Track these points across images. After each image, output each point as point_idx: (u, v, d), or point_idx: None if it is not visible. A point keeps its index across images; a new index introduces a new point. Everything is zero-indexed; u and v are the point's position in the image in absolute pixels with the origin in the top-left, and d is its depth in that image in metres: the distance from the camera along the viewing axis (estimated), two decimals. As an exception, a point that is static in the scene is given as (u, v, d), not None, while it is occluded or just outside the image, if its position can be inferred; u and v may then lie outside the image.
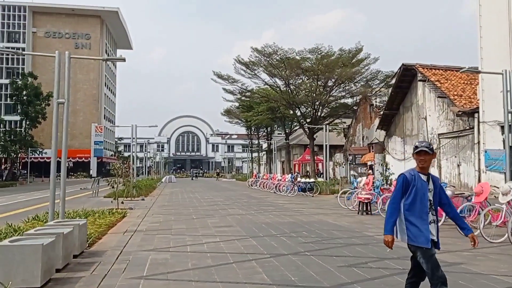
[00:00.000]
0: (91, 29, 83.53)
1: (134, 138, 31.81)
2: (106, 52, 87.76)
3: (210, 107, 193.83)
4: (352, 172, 35.63)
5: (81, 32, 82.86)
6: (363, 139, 35.62)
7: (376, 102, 36.24)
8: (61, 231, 6.72)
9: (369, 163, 31.05)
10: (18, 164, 61.19)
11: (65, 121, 10.16)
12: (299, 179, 25.09)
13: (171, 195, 25.80)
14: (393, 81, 31.25)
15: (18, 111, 58.30)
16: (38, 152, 61.97)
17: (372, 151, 31.73)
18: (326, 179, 28.49)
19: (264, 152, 71.12)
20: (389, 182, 18.98)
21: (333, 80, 38.58)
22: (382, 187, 15.20)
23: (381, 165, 26.82)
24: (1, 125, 61.57)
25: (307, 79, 39.71)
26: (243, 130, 78.49)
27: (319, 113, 39.51)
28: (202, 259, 7.28)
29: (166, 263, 7.05)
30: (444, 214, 12.03)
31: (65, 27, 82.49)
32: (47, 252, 5.76)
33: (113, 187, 17.61)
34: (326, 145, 27.29)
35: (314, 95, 38.52)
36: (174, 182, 51.86)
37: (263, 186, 30.25)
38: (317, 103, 38.95)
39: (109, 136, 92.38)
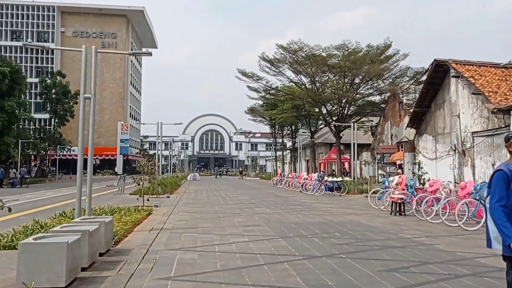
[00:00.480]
0: (117, 28, 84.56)
1: (159, 136, 31.85)
2: (131, 51, 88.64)
3: (233, 106, 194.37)
4: (380, 172, 34.80)
5: (107, 31, 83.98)
6: (391, 137, 34.74)
7: (405, 99, 35.27)
8: (86, 228, 6.48)
9: (398, 162, 30.19)
10: (47, 161, 62.43)
11: (92, 116, 9.98)
12: (326, 178, 24.53)
13: (196, 193, 25.64)
14: (424, 77, 30.30)
15: (47, 109, 59.48)
16: (66, 149, 63.10)
17: (401, 150, 30.85)
18: (353, 178, 27.83)
19: (288, 151, 70.59)
20: (421, 182, 18.28)
21: (361, 77, 37.77)
22: (416, 187, 14.57)
23: (412, 164, 26.02)
24: (31, 123, 62.88)
25: (333, 76, 39.02)
26: (267, 129, 78.09)
27: (345, 111, 38.75)
28: (231, 260, 6.93)
29: (194, 264, 6.74)
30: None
31: (92, 27, 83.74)
32: (72, 250, 5.52)
33: (138, 185, 17.48)
34: (353, 144, 26.63)
35: (341, 92, 37.80)
36: (199, 180, 51.90)
37: (289, 185, 29.80)
38: (344, 100, 38.23)
39: (134, 134, 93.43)
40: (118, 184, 26.49)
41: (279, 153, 69.78)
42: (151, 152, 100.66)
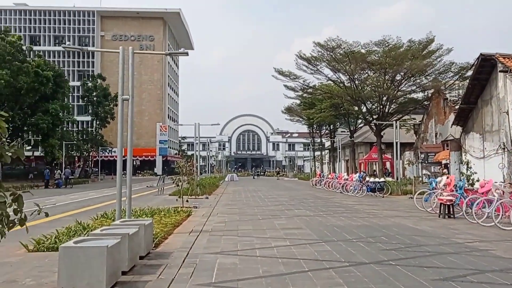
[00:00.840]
0: (155, 31, 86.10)
1: (197, 137, 32.00)
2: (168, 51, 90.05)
3: (270, 106, 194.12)
4: (424, 172, 33.61)
5: (145, 34, 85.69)
6: (436, 136, 33.50)
7: (450, 96, 33.93)
8: (126, 231, 6.35)
9: (443, 161, 29.07)
10: (89, 162, 64.29)
11: (130, 117, 9.94)
12: (367, 178, 23.85)
13: (234, 194, 25.53)
14: (469, 73, 29.01)
15: (89, 111, 61.24)
16: (108, 150, 64.80)
17: (447, 149, 29.68)
18: (396, 178, 26.96)
19: (326, 151, 69.64)
20: (470, 182, 17.38)
21: (402, 73, 36.65)
22: (465, 188, 13.81)
23: (459, 163, 24.92)
24: (74, 125, 64.93)
25: (373, 73, 38.03)
26: (304, 129, 77.42)
27: (386, 109, 37.68)
28: (274, 266, 6.64)
29: (235, 269, 6.49)
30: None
31: (130, 30, 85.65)
32: (112, 254, 5.38)
33: (177, 185, 17.49)
34: (396, 143, 25.79)
35: (381, 89, 36.79)
36: (236, 180, 51.97)
37: (329, 186, 29.22)
38: (385, 98, 37.18)
39: (173, 135, 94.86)
40: (158, 185, 26.77)
41: (317, 153, 68.96)
42: (189, 153, 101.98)
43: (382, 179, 24.15)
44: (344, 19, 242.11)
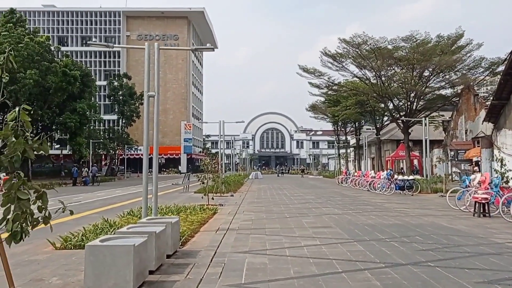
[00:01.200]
0: (179, 30, 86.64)
1: (221, 135, 31.89)
2: (192, 52, 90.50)
3: (294, 104, 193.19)
4: (454, 169, 32.67)
5: (169, 33, 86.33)
6: (466, 132, 32.50)
7: (480, 92, 32.88)
8: (153, 229, 6.19)
9: (474, 159, 28.16)
10: (116, 160, 65.19)
11: (156, 115, 9.81)
12: (396, 176, 23.27)
13: (259, 192, 25.33)
14: (501, 68, 28.00)
15: (115, 110, 62.08)
16: (133, 149, 65.55)
17: (478, 146, 28.75)
18: (425, 176, 26.25)
19: (351, 148, 68.77)
20: (504, 180, 16.70)
21: (430, 69, 35.75)
22: (501, 186, 13.20)
23: (491, 160, 24.06)
24: (101, 124, 65.93)
25: (400, 70, 37.19)
26: (328, 126, 76.64)
27: (414, 106, 36.81)
28: (305, 266, 6.37)
29: (265, 269, 6.24)
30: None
31: (155, 30, 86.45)
32: (139, 253, 5.21)
33: (203, 183, 17.37)
34: (425, 140, 25.08)
35: (409, 86, 35.94)
36: (261, 178, 51.79)
37: (355, 184, 28.70)
38: (412, 94, 36.33)
39: (197, 134, 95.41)
40: (183, 183, 26.78)
41: (342, 150, 68.15)
42: (213, 151, 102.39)
43: (411, 177, 23.50)
44: (368, 17, 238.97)
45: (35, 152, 3.65)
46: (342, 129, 63.27)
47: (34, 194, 3.73)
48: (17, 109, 3.46)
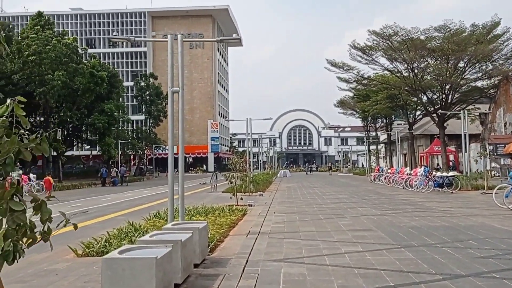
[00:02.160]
0: (204, 29, 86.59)
1: (249, 133, 31.31)
2: (218, 50, 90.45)
3: (320, 100, 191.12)
4: (493, 164, 31.08)
5: (194, 32, 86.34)
6: (505, 126, 30.88)
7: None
8: (179, 237, 5.55)
9: (516, 153, 26.64)
10: (144, 160, 65.54)
11: (181, 111, 9.20)
12: (434, 172, 22.10)
13: (289, 191, 24.57)
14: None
15: (143, 110, 62.39)
16: (161, 148, 65.78)
17: (519, 139, 27.20)
18: (464, 172, 24.92)
19: (382, 144, 67.12)
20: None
21: (465, 60, 34.16)
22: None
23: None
24: (129, 124, 66.44)
25: (434, 61, 35.67)
26: (357, 122, 75.03)
27: (449, 99, 35.25)
28: (350, 278, 5.60)
29: (304, 281, 5.52)
30: None
31: (180, 29, 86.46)
32: (162, 265, 4.57)
33: (231, 183, 16.76)
34: (464, 134, 23.79)
35: (443, 78, 34.43)
36: (289, 176, 50.97)
37: (389, 181, 27.57)
38: (447, 87, 34.79)
39: (224, 132, 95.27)
40: (211, 182, 26.28)
41: (372, 147, 66.57)
42: (240, 149, 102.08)
43: (450, 173, 22.26)
44: (396, 9, 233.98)
45: (65, 153, 3.03)
46: (372, 124, 61.73)
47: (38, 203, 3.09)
48: (8, 101, 2.84)
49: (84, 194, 24.89)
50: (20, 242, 2.81)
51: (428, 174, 21.88)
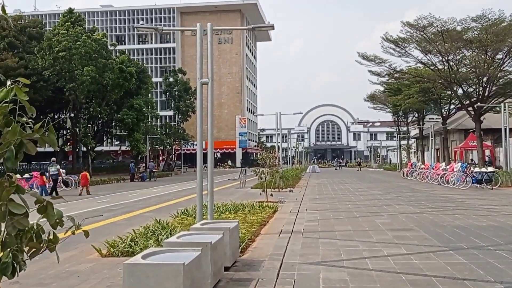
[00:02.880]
0: (232, 24, 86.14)
1: (278, 129, 30.70)
2: (246, 45, 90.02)
3: (350, 95, 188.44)
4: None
5: (223, 27, 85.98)
6: (548, 119, 29.26)
7: None
8: (209, 239, 5.09)
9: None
10: (173, 155, 65.86)
11: (210, 103, 8.76)
12: (472, 168, 21.05)
13: (319, 187, 23.91)
14: None
15: (172, 106, 62.62)
16: (190, 144, 65.94)
17: None
18: (505, 168, 23.70)
19: (413, 140, 65.40)
20: None
21: (504, 51, 32.59)
22: None
23: None
24: (158, 120, 66.86)
25: (470, 53, 34.15)
26: (387, 117, 73.36)
27: (486, 92, 33.73)
28: (398, 285, 5.03)
29: (346, 288, 4.98)
30: None
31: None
32: (190, 272, 4.11)
33: (261, 178, 16.29)
34: (505, 128, 22.57)
35: (479, 70, 32.92)
36: (318, 172, 50.15)
37: (423, 177, 26.55)
38: (485, 79, 33.28)
39: (252, 128, 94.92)
40: (240, 177, 25.88)
41: (403, 142, 64.92)
42: (268, 144, 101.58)
43: (490, 169, 21.15)
44: (427, 2, 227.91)
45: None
46: (403, 119, 60.15)
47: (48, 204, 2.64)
48: (9, 82, 2.38)
49: (112, 189, 24.92)
50: (23, 252, 2.38)
51: (466, 170, 20.84)
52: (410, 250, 6.87)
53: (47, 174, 23.15)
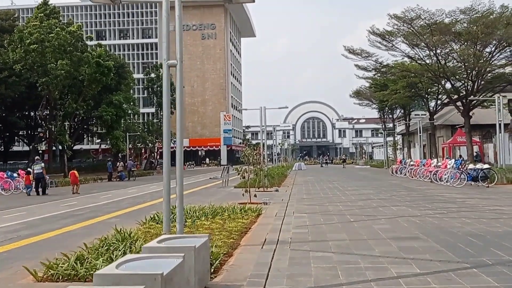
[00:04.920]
0: (216, 19, 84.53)
1: (263, 126, 29.36)
2: (230, 41, 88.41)
3: (334, 93, 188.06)
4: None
5: (206, 22, 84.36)
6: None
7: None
8: (160, 269, 3.67)
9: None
10: (155, 153, 63.99)
11: (179, 90, 7.41)
12: (467, 165, 19.99)
13: (306, 185, 22.62)
14: None
15: (154, 102, 60.76)
16: (173, 141, 64.08)
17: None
18: (499, 164, 22.74)
19: (399, 136, 64.72)
20: None
21: (494, 44, 31.78)
22: None
23: None
24: (140, 117, 64.94)
25: (459, 46, 33.22)
26: (372, 114, 72.58)
27: (475, 86, 32.86)
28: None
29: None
30: None
31: (192, 19, 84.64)
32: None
33: (243, 177, 14.91)
34: (499, 124, 21.56)
35: (468, 64, 32.03)
36: (304, 169, 48.97)
37: (414, 174, 25.47)
38: (474, 73, 32.40)
39: (237, 125, 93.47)
40: (222, 176, 24.44)
41: (388, 138, 64.21)
42: (253, 142, 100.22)
43: (486, 165, 20.10)
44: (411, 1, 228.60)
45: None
46: (390, 115, 59.44)
47: None
48: None
49: (86, 190, 23.27)
50: None
51: (461, 166, 19.76)
52: (424, 268, 5.55)
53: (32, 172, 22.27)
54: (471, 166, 20.33)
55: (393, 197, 14.97)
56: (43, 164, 23.19)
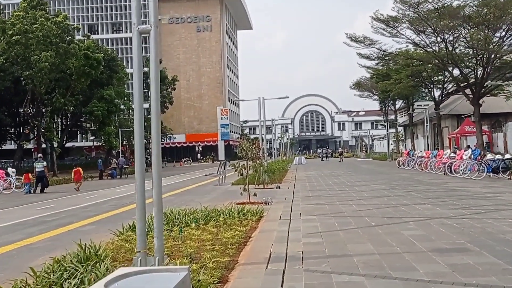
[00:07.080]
0: (211, 11, 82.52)
1: (262, 121, 27.60)
2: (226, 33, 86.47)
3: (333, 87, 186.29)
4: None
5: (202, 15, 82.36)
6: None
7: None
8: None
9: None
10: (149, 150, 62.26)
11: (153, 62, 5.67)
12: (488, 156, 18.34)
13: (310, 181, 20.91)
14: None
15: (148, 98, 58.93)
16: (168, 137, 62.46)
17: None
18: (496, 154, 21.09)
19: (401, 128, 63.12)
20: None
21: (504, 28, 30.05)
22: None
23: None
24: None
25: (468, 30, 31.47)
26: (372, 106, 71.04)
27: (486, 71, 31.15)
28: None
29: None
30: None
31: (187, 12, 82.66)
32: None
33: (241, 174, 13.23)
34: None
35: (477, 50, 30.33)
36: (305, 163, 47.28)
37: (424, 166, 23.83)
38: (485, 57, 30.67)
39: (234, 119, 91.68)
40: (218, 173, 22.72)
41: (391, 130, 62.67)
42: (251, 136, 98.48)
43: (507, 156, 18.45)
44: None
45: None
46: (392, 107, 57.84)
47: None
48: None
49: (71, 190, 21.54)
50: None
51: (479, 157, 18.11)
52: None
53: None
54: (489, 156, 18.68)
55: (410, 193, 13.27)
56: (45, 163, 22.67)
